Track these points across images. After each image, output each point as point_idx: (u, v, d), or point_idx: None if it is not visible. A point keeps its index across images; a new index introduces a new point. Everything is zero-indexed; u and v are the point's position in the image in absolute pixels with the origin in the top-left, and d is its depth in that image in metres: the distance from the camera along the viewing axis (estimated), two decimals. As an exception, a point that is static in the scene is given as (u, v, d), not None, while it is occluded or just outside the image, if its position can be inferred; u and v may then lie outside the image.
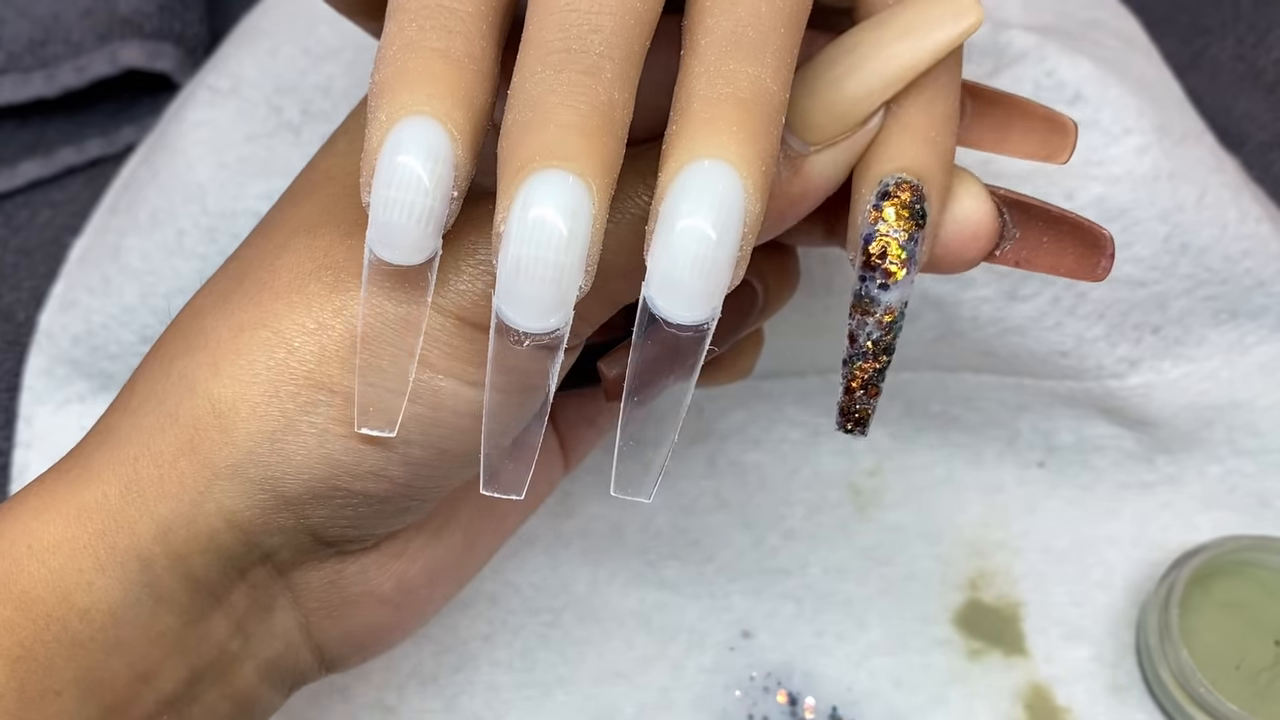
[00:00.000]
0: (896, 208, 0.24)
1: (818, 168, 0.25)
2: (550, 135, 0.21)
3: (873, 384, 0.26)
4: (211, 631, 0.27)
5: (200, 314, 0.27)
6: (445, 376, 0.25)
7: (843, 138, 0.25)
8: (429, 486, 0.27)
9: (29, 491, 0.26)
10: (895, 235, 0.25)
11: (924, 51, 0.24)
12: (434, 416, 0.25)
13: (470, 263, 0.25)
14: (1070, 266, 0.27)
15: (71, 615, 0.25)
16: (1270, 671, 0.37)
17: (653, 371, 0.23)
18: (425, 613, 0.31)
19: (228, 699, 0.28)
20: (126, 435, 0.26)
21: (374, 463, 0.25)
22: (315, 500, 0.26)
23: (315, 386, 0.25)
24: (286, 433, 0.25)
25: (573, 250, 0.21)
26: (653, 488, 0.24)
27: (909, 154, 0.25)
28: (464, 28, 0.23)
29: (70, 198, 0.48)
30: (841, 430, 0.27)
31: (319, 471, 0.25)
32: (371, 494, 0.26)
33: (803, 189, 0.25)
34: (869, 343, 0.25)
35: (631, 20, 0.22)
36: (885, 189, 0.25)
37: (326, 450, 0.25)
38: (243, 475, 0.25)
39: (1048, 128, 0.28)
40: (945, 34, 0.24)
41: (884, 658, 0.39)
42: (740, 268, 0.22)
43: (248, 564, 0.26)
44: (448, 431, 0.26)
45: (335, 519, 0.26)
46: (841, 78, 0.24)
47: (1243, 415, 0.42)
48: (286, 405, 0.25)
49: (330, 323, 0.25)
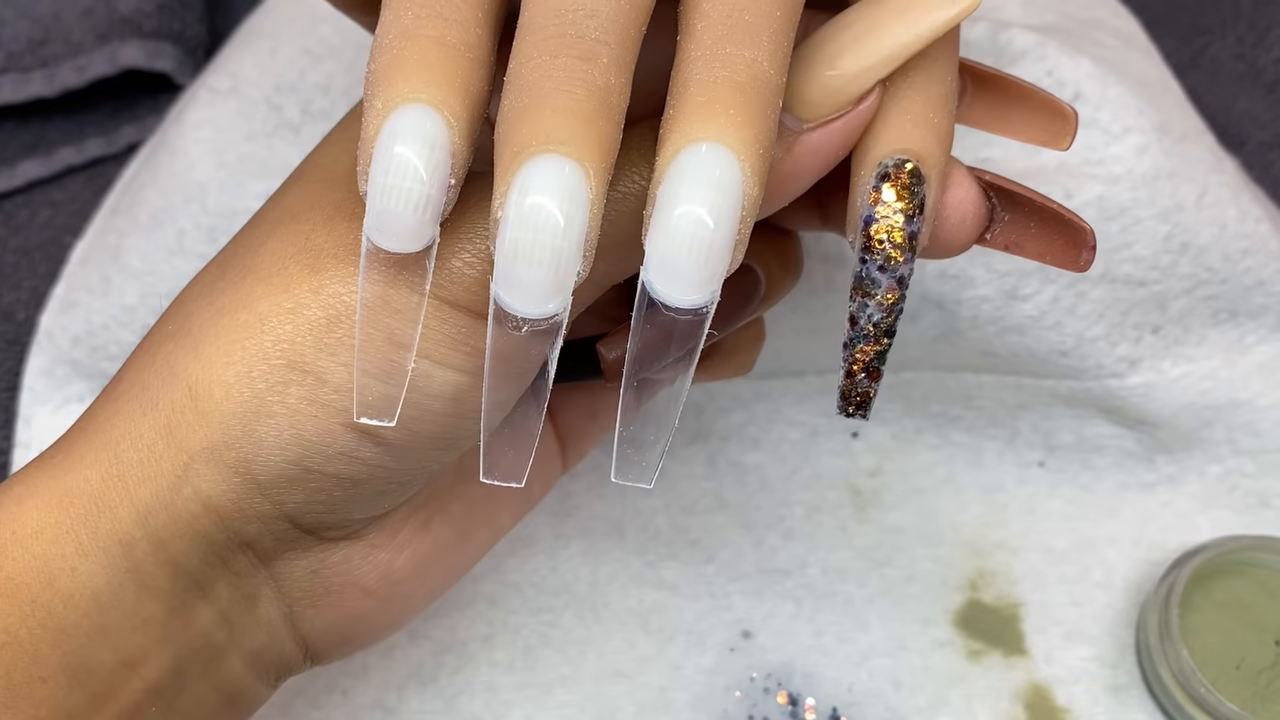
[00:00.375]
0: (897, 189, 0.25)
1: (810, 145, 0.25)
2: (547, 120, 0.21)
3: (874, 367, 0.26)
4: (196, 620, 0.27)
5: (186, 302, 0.27)
6: (419, 358, 0.25)
7: (837, 116, 0.24)
8: (404, 468, 0.27)
9: (14, 480, 0.27)
10: (895, 216, 0.25)
11: (921, 30, 0.24)
12: (408, 398, 0.25)
13: (460, 247, 0.25)
14: (1056, 255, 0.27)
15: (56, 601, 0.25)
16: (1270, 671, 0.37)
17: (652, 355, 0.23)
18: (413, 606, 0.31)
19: (216, 689, 0.28)
20: (109, 420, 0.26)
21: (345, 444, 0.25)
22: (289, 484, 0.26)
23: (288, 366, 0.25)
24: (258, 414, 0.25)
25: (570, 235, 0.21)
26: (653, 474, 0.24)
27: (908, 136, 0.25)
28: (460, 15, 0.23)
29: (70, 198, 0.48)
30: (843, 414, 0.27)
31: (290, 454, 0.25)
32: (345, 476, 0.26)
33: (793, 167, 0.25)
34: (870, 325, 0.25)
35: (627, 5, 0.22)
36: (885, 170, 0.25)
37: (297, 430, 0.25)
38: (217, 458, 0.25)
39: (1048, 113, 0.28)
40: (942, 14, 0.24)
41: (884, 658, 0.39)
42: (739, 251, 0.22)
43: (228, 551, 0.26)
44: (420, 414, 0.26)
45: (311, 503, 0.26)
46: (836, 55, 0.24)
47: (1243, 415, 0.42)
48: (258, 386, 0.25)
49: (307, 302, 0.25)
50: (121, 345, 0.42)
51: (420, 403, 0.25)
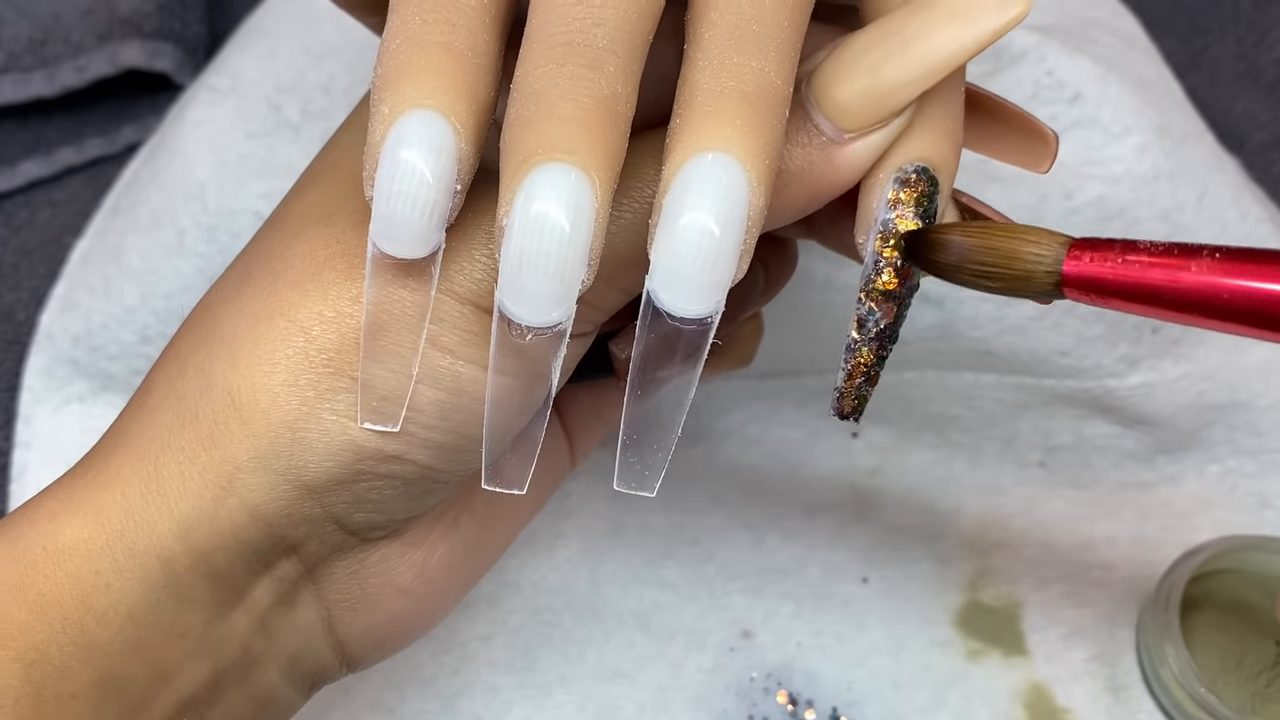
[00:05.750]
0: (915, 196, 0.25)
1: (853, 158, 0.24)
2: (553, 129, 0.21)
3: (874, 371, 0.26)
4: (234, 629, 0.26)
5: (213, 308, 0.27)
6: (465, 362, 0.25)
7: (879, 126, 0.24)
8: (451, 469, 0.27)
9: (46, 494, 0.26)
10: (910, 222, 0.25)
11: (969, 40, 0.23)
12: (455, 402, 0.25)
13: (486, 251, 0.25)
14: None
15: (89, 618, 0.25)
16: (1270, 671, 0.37)
17: (656, 364, 0.23)
18: (444, 604, 0.31)
19: (251, 699, 0.28)
20: (144, 434, 0.26)
21: (396, 447, 0.25)
22: (339, 486, 0.26)
23: (335, 374, 0.25)
24: (308, 421, 0.25)
25: (575, 244, 0.21)
26: (655, 483, 0.24)
27: (930, 145, 0.25)
28: (467, 21, 0.23)
29: (70, 198, 0.48)
30: (838, 417, 0.27)
31: (343, 459, 0.25)
32: (395, 477, 0.26)
33: (834, 179, 0.25)
34: (875, 328, 0.25)
35: (634, 14, 0.22)
36: (905, 177, 0.25)
37: (349, 437, 0.25)
38: (266, 467, 0.25)
39: (1029, 135, 0.27)
40: (990, 23, 0.23)
41: (884, 658, 0.39)
42: (744, 261, 0.22)
43: (272, 557, 0.26)
44: (468, 417, 0.25)
45: (360, 504, 0.26)
46: (880, 63, 0.24)
47: (1243, 415, 0.42)
48: (307, 393, 0.25)
49: (348, 311, 0.25)
50: (121, 345, 0.42)
51: (466, 405, 0.25)
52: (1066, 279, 0.24)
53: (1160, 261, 0.23)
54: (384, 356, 0.25)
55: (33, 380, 0.43)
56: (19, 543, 0.25)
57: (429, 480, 0.26)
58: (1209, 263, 0.23)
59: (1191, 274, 0.23)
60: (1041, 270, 0.24)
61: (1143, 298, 0.23)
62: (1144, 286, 0.23)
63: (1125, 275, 0.23)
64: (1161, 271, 0.23)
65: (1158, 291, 0.23)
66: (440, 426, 0.25)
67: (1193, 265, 0.23)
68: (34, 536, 0.25)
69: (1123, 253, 0.23)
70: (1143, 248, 0.23)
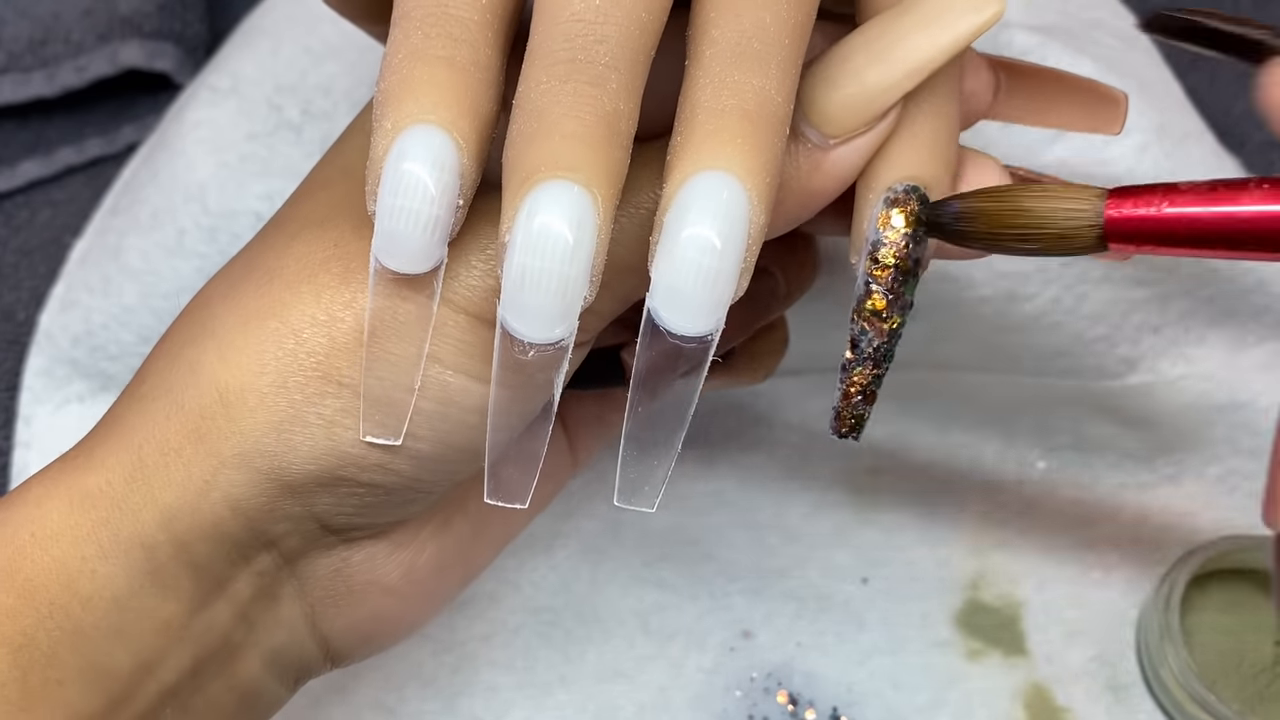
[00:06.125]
0: (905, 215, 0.25)
1: (839, 163, 0.25)
2: (555, 145, 0.21)
3: (870, 390, 0.26)
4: (215, 620, 0.27)
5: (209, 303, 0.27)
6: (455, 372, 0.25)
7: (863, 131, 0.24)
8: (436, 479, 0.27)
9: (33, 481, 0.26)
10: (901, 242, 0.25)
11: (945, 42, 0.24)
12: (443, 412, 0.25)
13: (481, 258, 0.25)
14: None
15: (75, 603, 0.25)
16: (1270, 671, 0.37)
17: (656, 380, 0.23)
18: (433, 605, 0.31)
19: (232, 690, 0.28)
20: (132, 423, 0.26)
21: (380, 456, 0.25)
22: (321, 489, 0.26)
23: (323, 379, 0.25)
24: (294, 424, 0.25)
25: (577, 261, 0.22)
26: (655, 498, 0.24)
27: (916, 161, 0.25)
28: (470, 35, 0.23)
29: (70, 198, 0.48)
30: (836, 435, 0.27)
31: (326, 463, 0.25)
32: (377, 485, 0.26)
33: (822, 185, 0.25)
34: (870, 349, 0.25)
35: (636, 30, 0.22)
36: (894, 196, 0.25)
37: (333, 442, 0.25)
38: (248, 465, 0.25)
39: (1096, 99, 0.28)
40: (966, 24, 0.24)
41: (884, 658, 0.39)
42: (744, 279, 0.22)
43: (253, 550, 0.26)
44: (454, 427, 0.26)
45: (341, 507, 0.26)
46: (861, 70, 0.24)
47: (1243, 415, 0.42)
48: (294, 396, 0.25)
49: (340, 315, 0.25)
50: (121, 345, 0.42)
51: (454, 416, 0.25)
52: (1110, 229, 0.23)
53: (1209, 197, 0.22)
54: (386, 370, 0.25)
55: (32, 380, 0.43)
56: (7, 527, 0.25)
57: (411, 490, 0.26)
58: (1260, 193, 0.22)
59: (1245, 207, 0.22)
60: (1084, 225, 0.23)
61: (1194, 238, 0.23)
62: (1196, 225, 0.22)
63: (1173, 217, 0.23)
64: (1212, 208, 0.22)
65: (1211, 229, 0.22)
66: (427, 437, 0.26)
67: (1243, 198, 0.22)
68: (21, 521, 0.25)
69: (1166, 195, 0.23)
70: (1184, 189, 0.23)
